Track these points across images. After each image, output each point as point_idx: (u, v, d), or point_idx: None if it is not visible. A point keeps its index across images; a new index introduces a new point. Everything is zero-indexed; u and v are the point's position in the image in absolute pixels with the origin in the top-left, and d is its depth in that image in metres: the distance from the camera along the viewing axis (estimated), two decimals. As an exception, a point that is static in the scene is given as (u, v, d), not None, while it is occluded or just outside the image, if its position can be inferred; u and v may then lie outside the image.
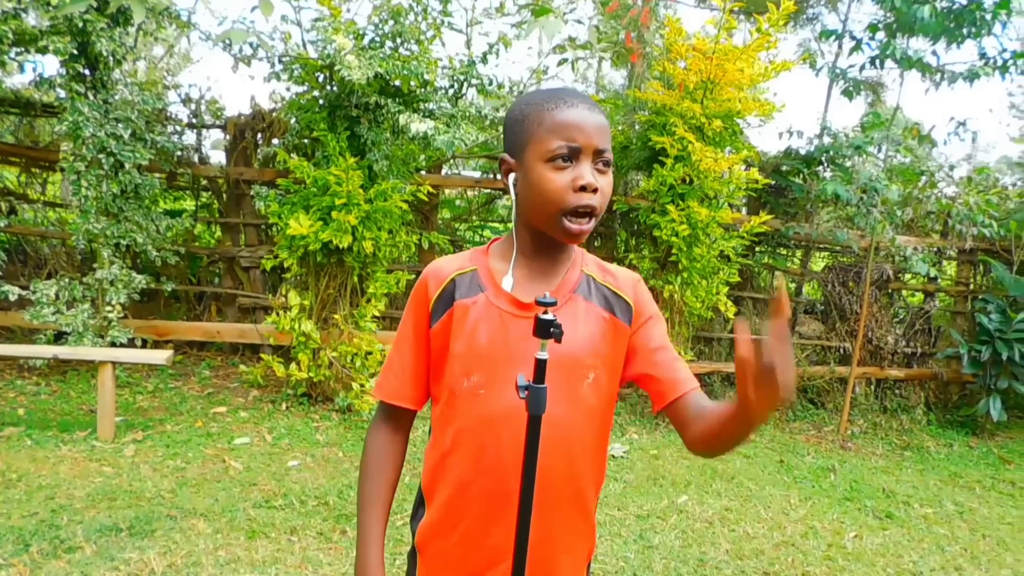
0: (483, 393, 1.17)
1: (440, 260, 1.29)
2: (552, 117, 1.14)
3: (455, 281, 1.23)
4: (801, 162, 6.05)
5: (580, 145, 1.12)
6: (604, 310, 1.23)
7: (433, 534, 1.24)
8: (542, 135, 1.14)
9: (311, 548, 3.09)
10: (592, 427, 1.22)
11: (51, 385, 5.00)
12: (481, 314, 1.19)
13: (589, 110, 1.15)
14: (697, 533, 3.62)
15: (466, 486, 1.18)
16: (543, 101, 1.16)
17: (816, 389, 6.33)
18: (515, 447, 1.13)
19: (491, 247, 1.29)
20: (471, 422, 1.18)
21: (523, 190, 1.17)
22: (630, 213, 5.59)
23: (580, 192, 1.11)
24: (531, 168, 1.15)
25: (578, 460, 1.20)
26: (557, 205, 1.12)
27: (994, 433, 6.14)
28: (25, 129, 6.21)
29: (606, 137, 1.15)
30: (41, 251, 5.86)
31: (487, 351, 1.17)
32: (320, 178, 4.55)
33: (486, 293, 1.21)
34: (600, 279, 1.26)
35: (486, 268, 1.24)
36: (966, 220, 5.78)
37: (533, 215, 1.18)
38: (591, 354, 1.19)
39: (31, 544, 2.90)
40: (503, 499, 1.15)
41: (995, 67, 5.42)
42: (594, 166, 1.14)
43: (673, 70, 5.04)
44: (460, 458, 1.19)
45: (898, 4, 5.02)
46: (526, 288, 1.20)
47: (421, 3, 4.66)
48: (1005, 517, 4.35)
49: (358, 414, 4.83)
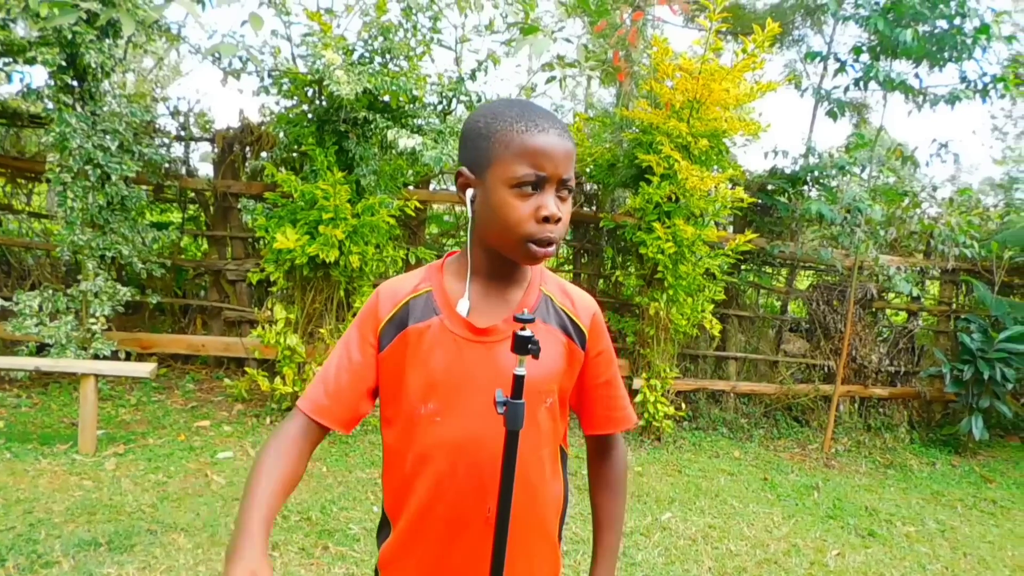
0: (439, 420, 1.15)
1: (393, 280, 1.24)
2: (521, 141, 1.08)
3: (408, 305, 1.19)
4: (786, 181, 6.11)
5: (548, 175, 1.08)
6: (562, 333, 1.21)
7: (394, 556, 1.23)
8: (508, 158, 1.09)
9: (292, 564, 3.07)
10: (548, 450, 1.22)
11: (32, 397, 4.95)
12: (436, 340, 1.16)
13: (559, 136, 1.10)
14: (680, 550, 3.62)
15: (425, 510, 1.17)
16: (513, 121, 1.10)
17: (800, 407, 6.36)
18: (472, 474, 1.13)
19: (446, 262, 1.25)
20: (429, 448, 1.15)
21: (482, 211, 1.13)
22: (616, 230, 5.62)
23: (543, 223, 1.08)
24: (493, 190, 1.10)
25: (536, 484, 1.20)
26: (519, 233, 1.09)
27: (976, 452, 6.19)
28: (11, 139, 6.18)
29: (571, 164, 1.12)
30: (25, 262, 5.82)
31: (443, 378, 1.15)
32: (308, 192, 4.55)
33: (440, 317, 1.17)
34: (558, 301, 1.23)
35: (441, 289, 1.20)
36: (948, 240, 5.84)
37: (492, 238, 1.14)
38: (549, 379, 1.18)
39: (7, 559, 2.86)
40: (461, 524, 1.15)
41: (975, 91, 5.50)
42: (557, 194, 1.11)
43: (660, 89, 5.09)
44: (420, 483, 1.17)
45: (881, 27, 5.11)
46: (482, 311, 1.17)
47: (411, 20, 4.70)
48: (986, 536, 4.37)
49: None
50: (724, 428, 5.95)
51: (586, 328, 1.24)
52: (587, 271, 6.39)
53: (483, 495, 1.12)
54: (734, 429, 5.97)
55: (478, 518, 1.13)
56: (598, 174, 5.71)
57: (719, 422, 6.00)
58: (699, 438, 5.68)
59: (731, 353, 6.38)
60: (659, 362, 5.37)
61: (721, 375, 6.38)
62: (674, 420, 5.65)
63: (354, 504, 3.74)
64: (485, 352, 1.15)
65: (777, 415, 6.29)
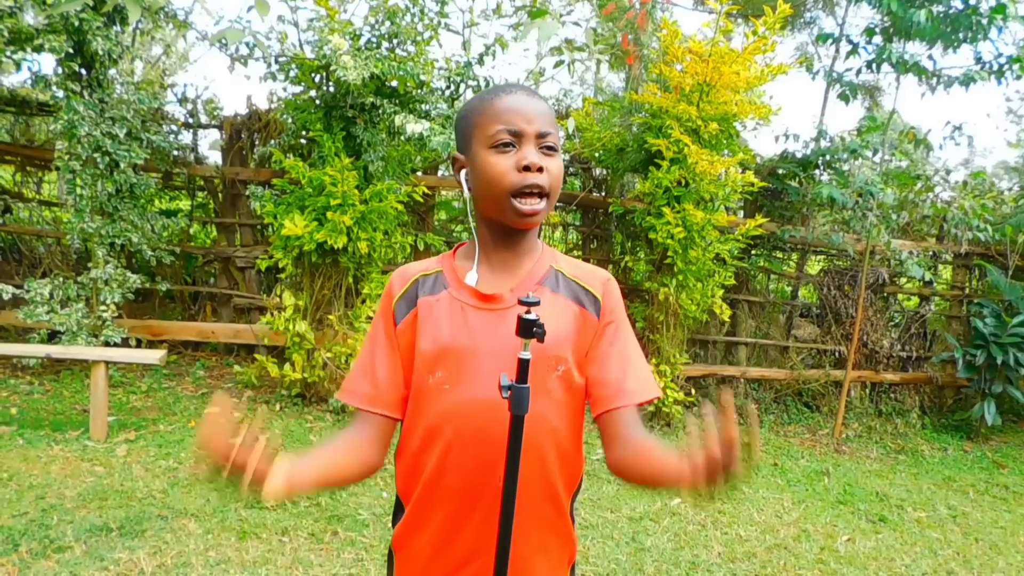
0: (447, 388, 1.15)
1: (406, 265, 1.29)
2: (492, 105, 1.16)
3: (418, 282, 1.23)
4: (797, 165, 6.06)
5: (520, 129, 1.13)
6: (573, 302, 1.22)
7: (407, 535, 1.23)
8: (484, 124, 1.15)
9: (302, 549, 3.09)
10: (563, 421, 1.19)
11: (44, 384, 4.99)
12: (444, 310, 1.19)
13: (528, 96, 1.16)
14: (690, 536, 3.62)
15: (434, 484, 1.17)
16: (484, 95, 1.20)
17: (811, 392, 6.34)
18: (481, 443, 1.12)
19: (458, 250, 1.29)
20: (437, 419, 1.16)
21: (473, 181, 1.19)
22: (626, 215, 5.58)
23: (524, 172, 1.12)
24: (477, 156, 1.16)
25: (548, 455, 1.17)
26: (504, 187, 1.13)
27: (988, 437, 6.15)
28: (21, 128, 6.20)
29: (548, 121, 1.16)
30: (36, 250, 5.84)
31: (450, 345, 1.16)
32: (316, 178, 4.54)
33: (449, 290, 1.21)
34: (569, 274, 1.25)
35: (451, 267, 1.24)
36: (961, 224, 5.78)
37: (485, 204, 1.19)
38: (559, 345, 1.17)
39: (20, 544, 2.89)
40: (471, 497, 1.14)
41: (991, 72, 5.42)
42: (539, 150, 1.14)
43: (669, 73, 5.04)
44: (428, 456, 1.17)
45: (895, 8, 5.03)
46: (488, 280, 1.20)
47: (418, 4, 4.66)
48: (998, 521, 4.35)
49: (352, 415, 4.82)
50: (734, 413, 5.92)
51: (599, 294, 1.24)
52: (596, 256, 6.36)
53: (493, 466, 1.09)
54: (744, 415, 5.95)
55: (489, 489, 1.11)
56: (607, 159, 5.67)
57: (729, 408, 5.98)
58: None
59: (741, 339, 6.35)
60: (669, 347, 5.35)
61: (731, 360, 6.35)
62: (684, 406, 5.64)
63: (363, 490, 3.75)
64: (492, 318, 1.17)
65: (787, 400, 6.26)
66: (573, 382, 1.19)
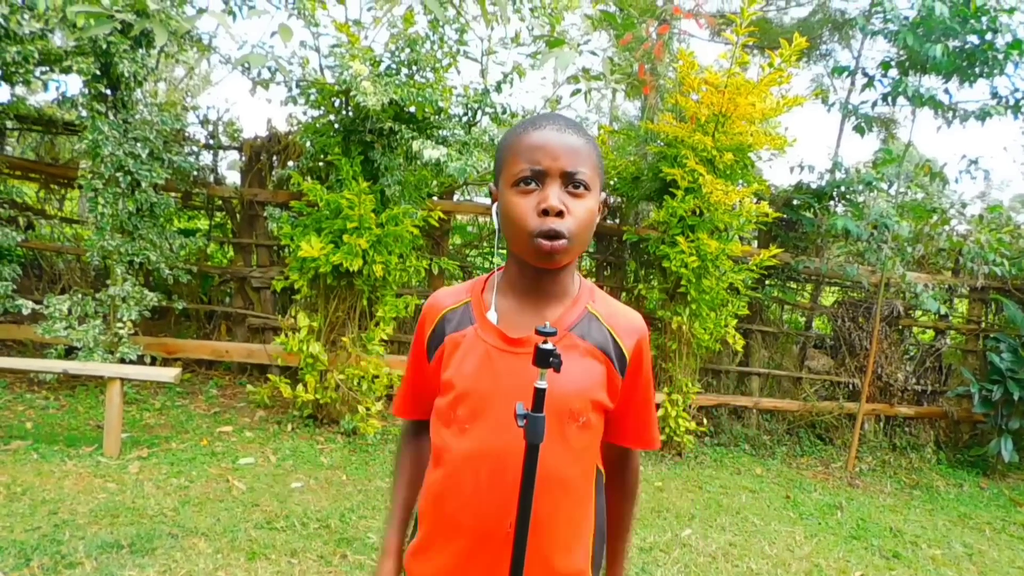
0: (468, 428, 1.15)
1: (439, 292, 1.28)
2: (519, 141, 1.12)
3: (445, 318, 1.23)
4: (812, 196, 6.06)
5: (544, 168, 1.08)
6: (601, 355, 1.19)
7: (417, 560, 1.24)
8: (510, 159, 1.12)
9: (311, 571, 3.08)
10: (579, 467, 1.20)
11: (60, 400, 5.03)
12: (469, 348, 1.18)
13: (558, 131, 1.10)
14: (700, 568, 3.58)
15: (448, 519, 1.17)
16: (516, 128, 1.15)
17: (824, 425, 6.28)
18: (495, 488, 1.12)
19: (492, 277, 1.26)
20: (457, 457, 1.16)
21: (501, 217, 1.16)
22: (640, 243, 5.60)
23: (543, 216, 1.07)
24: (503, 193, 1.14)
25: (561, 502, 1.17)
26: (523, 229, 1.09)
27: (1005, 474, 6.06)
28: (46, 146, 6.31)
29: (578, 159, 1.10)
30: (56, 266, 5.92)
31: (472, 386, 1.15)
32: (333, 201, 4.60)
33: (475, 327, 1.19)
34: (604, 318, 1.21)
35: (478, 300, 1.22)
36: (978, 258, 5.75)
37: (509, 242, 1.15)
38: (581, 398, 1.16)
39: (32, 558, 2.90)
40: (482, 538, 1.14)
41: (1007, 107, 5.43)
42: (564, 189, 1.09)
43: (685, 103, 5.08)
44: (446, 489, 1.18)
45: (911, 42, 5.06)
46: (514, 322, 1.17)
47: (438, 32, 4.74)
48: (1015, 560, 4.28)
49: (363, 437, 4.83)
50: (746, 444, 5.89)
51: (628, 352, 1.21)
52: (610, 284, 6.37)
53: (505, 510, 1.09)
54: (756, 446, 5.90)
55: (499, 532, 1.12)
56: (622, 187, 5.70)
57: (741, 438, 5.94)
58: (721, 454, 5.62)
59: (754, 369, 6.32)
60: (681, 376, 5.33)
61: (744, 391, 6.32)
62: (695, 435, 5.60)
63: (373, 513, 3.75)
64: (515, 362, 1.14)
65: (800, 432, 6.21)
66: (593, 428, 1.20)
